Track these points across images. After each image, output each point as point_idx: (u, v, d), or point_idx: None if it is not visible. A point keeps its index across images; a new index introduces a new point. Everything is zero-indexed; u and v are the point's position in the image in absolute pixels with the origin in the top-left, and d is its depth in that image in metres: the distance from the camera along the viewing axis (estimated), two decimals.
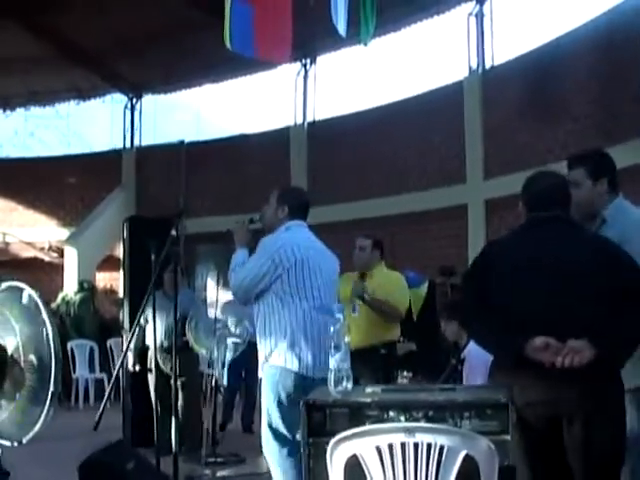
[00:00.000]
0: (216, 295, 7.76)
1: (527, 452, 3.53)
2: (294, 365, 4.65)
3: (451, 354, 7.30)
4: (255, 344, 4.90)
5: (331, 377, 3.44)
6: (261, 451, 4.80)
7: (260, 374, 4.82)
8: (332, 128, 15.26)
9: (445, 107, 13.07)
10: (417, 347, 8.06)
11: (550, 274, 3.56)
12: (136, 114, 18.62)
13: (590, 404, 3.47)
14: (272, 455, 4.69)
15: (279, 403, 4.65)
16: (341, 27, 8.27)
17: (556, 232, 3.70)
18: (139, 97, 18.63)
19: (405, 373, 6.39)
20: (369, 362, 6.18)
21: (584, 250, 3.65)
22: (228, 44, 7.65)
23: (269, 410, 4.69)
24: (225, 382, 7.95)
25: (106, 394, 7.40)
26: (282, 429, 4.64)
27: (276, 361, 4.70)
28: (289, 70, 16.44)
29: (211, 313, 7.91)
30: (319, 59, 16.48)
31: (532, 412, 3.50)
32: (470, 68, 13.11)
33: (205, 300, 9.74)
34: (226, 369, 7.74)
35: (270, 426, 4.68)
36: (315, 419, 3.32)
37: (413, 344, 7.64)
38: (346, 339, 3.45)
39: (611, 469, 3.56)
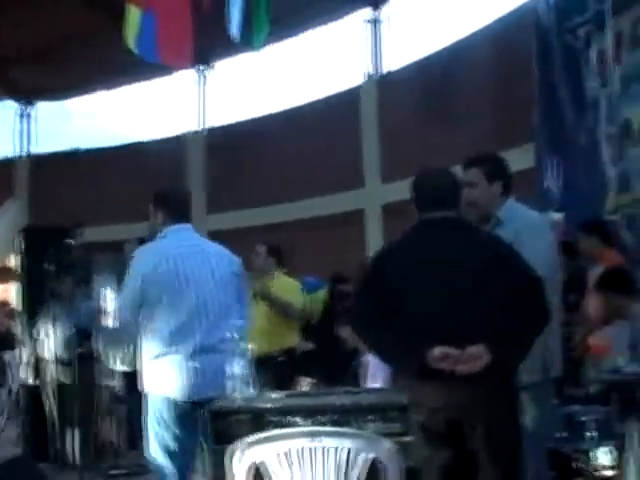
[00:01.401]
0: (114, 304, 7.59)
1: (433, 453, 3.56)
2: (169, 391, 4.30)
3: (351, 358, 7.35)
4: None
5: (235, 384, 3.41)
6: None
7: None
8: (231, 134, 15.18)
9: (343, 113, 13.13)
10: (317, 351, 8.06)
11: (443, 277, 3.54)
12: (31, 121, 18.14)
13: (489, 407, 3.52)
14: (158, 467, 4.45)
15: (161, 419, 4.35)
16: (235, 32, 8.30)
17: (447, 233, 3.67)
18: (32, 104, 18.15)
19: (309, 379, 6.37)
20: (269, 369, 6.08)
21: (477, 251, 3.64)
22: (134, 49, 7.60)
23: (152, 425, 4.38)
24: (125, 393, 7.80)
25: (5, 408, 7.20)
26: (167, 442, 4.34)
27: (150, 387, 4.37)
28: (186, 76, 16.32)
29: (110, 323, 7.74)
30: (217, 65, 16.40)
31: (434, 417, 3.53)
32: (367, 74, 13.21)
33: (104, 310, 9.52)
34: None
35: (155, 439, 4.38)
36: (220, 426, 3.30)
37: (311, 344, 7.64)
38: (249, 345, 3.43)
39: (513, 464, 3.63)
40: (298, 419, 3.18)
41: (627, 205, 7.31)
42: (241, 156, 14.43)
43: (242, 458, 3.04)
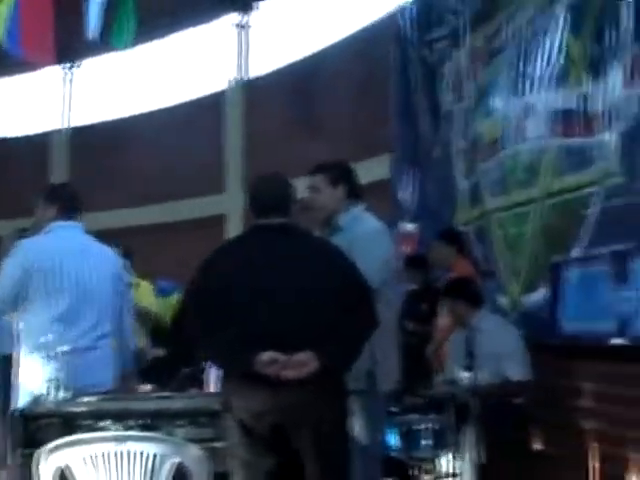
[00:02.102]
0: None
1: (257, 459, 3.59)
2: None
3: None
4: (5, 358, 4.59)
5: (49, 386, 3.31)
6: None
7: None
8: (94, 134, 14.90)
9: (207, 117, 13.03)
10: (167, 357, 7.93)
11: (272, 282, 3.57)
12: None
13: (316, 409, 3.56)
14: None
15: None
16: (92, 30, 8.19)
17: (277, 239, 3.69)
18: None
19: (148, 386, 6.25)
20: None
21: (307, 257, 3.68)
22: (2, 43, 7.45)
23: None
24: None
25: None
26: None
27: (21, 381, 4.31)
28: (53, 74, 15.95)
29: None
30: (84, 63, 16.09)
31: (259, 421, 3.56)
32: (233, 78, 13.13)
33: None
34: None
35: None
36: (30, 430, 3.25)
37: (161, 350, 7.51)
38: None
39: (340, 465, 3.69)
40: (109, 423, 3.14)
41: (477, 218, 7.41)
42: (103, 157, 14.18)
43: (47, 462, 2.97)
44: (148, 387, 6.20)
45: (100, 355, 4.19)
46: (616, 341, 5.10)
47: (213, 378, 5.82)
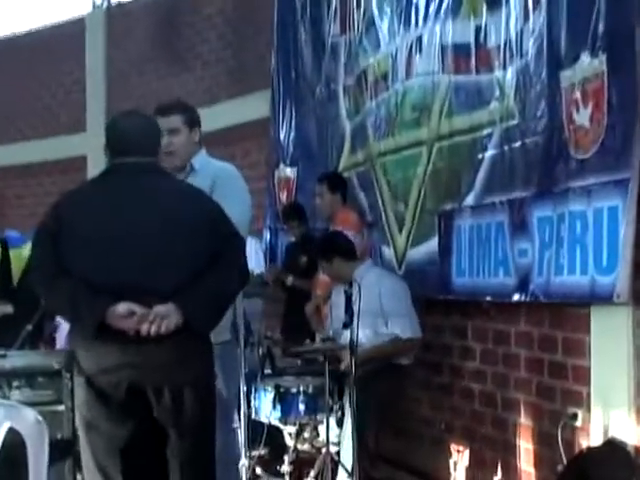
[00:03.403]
0: None
1: (105, 421, 3.54)
2: None
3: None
4: None
5: None
6: None
7: None
8: None
9: (64, 47, 12.52)
10: (16, 314, 7.65)
11: (129, 227, 3.50)
12: None
13: (178, 373, 3.52)
14: None
15: None
16: None
17: (138, 180, 3.62)
18: None
19: None
20: None
21: (172, 200, 3.61)
22: None
23: None
24: None
25: None
26: None
27: None
28: None
29: None
30: None
31: (114, 383, 3.50)
32: (94, 3, 12.64)
33: None
34: None
35: None
36: None
37: (9, 306, 7.25)
38: None
39: (204, 439, 3.67)
40: None
41: (361, 163, 7.30)
42: None
43: None
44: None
45: None
46: (514, 297, 5.09)
47: (65, 336, 5.62)
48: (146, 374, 3.50)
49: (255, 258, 7.89)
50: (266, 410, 5.43)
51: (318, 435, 5.57)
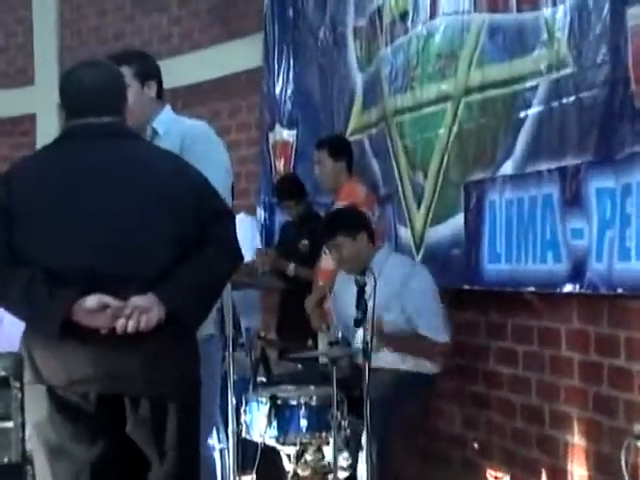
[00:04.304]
0: None
1: (72, 443, 3.54)
2: None
3: None
4: None
5: None
6: None
7: None
8: None
9: None
10: None
11: (102, 207, 3.51)
12: None
13: (161, 379, 3.53)
14: None
15: None
16: None
17: (104, 145, 3.61)
18: None
19: None
20: None
21: (151, 173, 3.62)
22: None
23: None
24: None
25: None
26: None
27: None
28: None
29: None
30: None
31: (82, 393, 3.50)
32: None
33: None
34: None
35: None
36: None
37: None
38: None
39: (190, 460, 3.69)
40: None
41: (374, 124, 7.26)
42: None
43: None
44: None
45: None
46: (565, 288, 5.06)
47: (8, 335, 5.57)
48: (123, 381, 3.50)
49: (251, 241, 7.87)
50: (260, 427, 5.37)
51: (323, 458, 5.52)
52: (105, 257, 3.45)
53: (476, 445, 6.15)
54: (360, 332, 5.03)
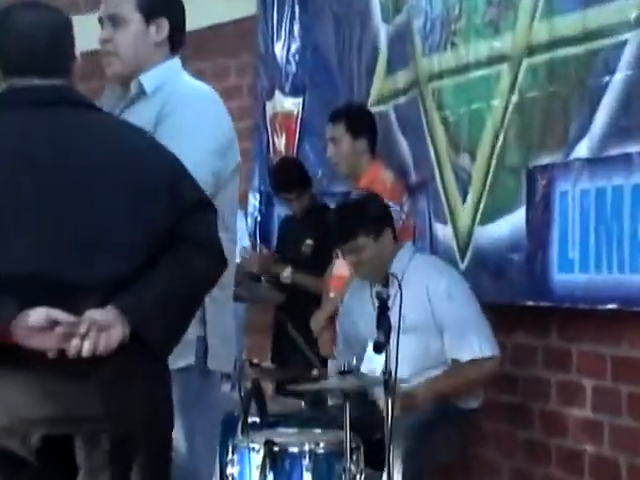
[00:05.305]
0: None
1: None
2: None
3: None
4: None
5: None
6: None
7: None
8: None
9: None
10: None
11: (49, 195, 3.52)
12: None
13: (124, 415, 3.53)
14: None
15: None
16: None
17: (58, 118, 3.64)
18: None
19: None
20: None
21: (112, 154, 3.64)
22: None
23: None
24: None
25: None
26: None
27: None
28: None
29: None
30: None
31: (22, 435, 3.51)
32: None
33: None
34: None
35: None
36: None
37: None
38: None
39: None
40: None
41: (403, 91, 7.24)
42: None
43: None
44: None
45: None
46: None
47: None
48: (75, 419, 3.50)
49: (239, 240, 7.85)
50: None
51: None
52: (52, 259, 3.47)
53: None
54: (379, 359, 5.06)
